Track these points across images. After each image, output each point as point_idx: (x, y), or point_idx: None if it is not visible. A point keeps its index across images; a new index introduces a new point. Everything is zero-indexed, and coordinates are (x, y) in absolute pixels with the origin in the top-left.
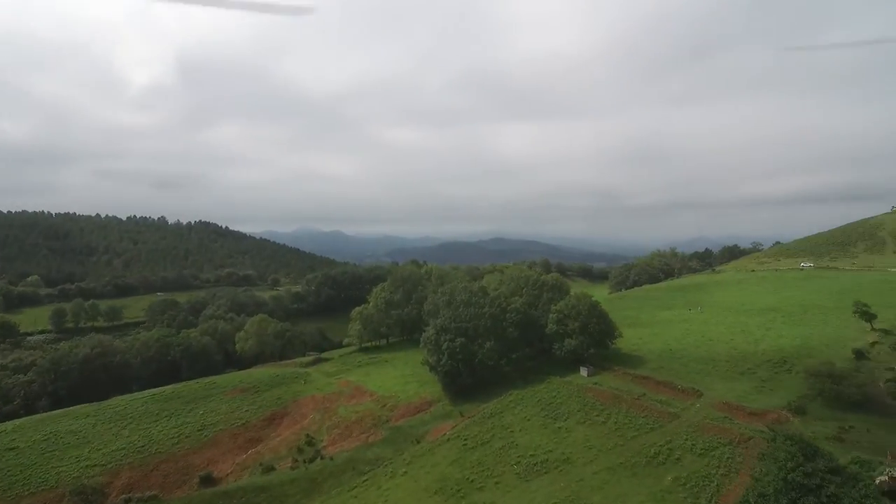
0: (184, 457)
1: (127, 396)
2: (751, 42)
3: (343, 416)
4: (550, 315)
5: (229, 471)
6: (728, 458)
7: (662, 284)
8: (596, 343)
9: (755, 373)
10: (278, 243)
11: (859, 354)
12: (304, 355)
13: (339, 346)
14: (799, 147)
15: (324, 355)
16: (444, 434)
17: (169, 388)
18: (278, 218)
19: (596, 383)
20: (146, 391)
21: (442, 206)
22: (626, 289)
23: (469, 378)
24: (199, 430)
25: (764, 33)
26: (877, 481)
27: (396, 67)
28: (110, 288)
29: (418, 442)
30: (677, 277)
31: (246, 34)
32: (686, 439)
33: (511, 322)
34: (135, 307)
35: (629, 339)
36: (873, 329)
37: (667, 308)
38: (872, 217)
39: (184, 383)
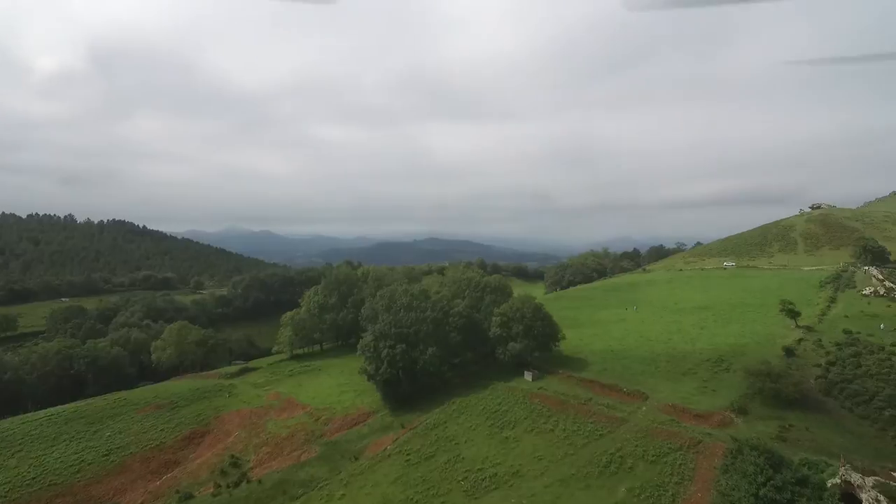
0: (84, 488)
1: (17, 418)
2: (673, 53)
3: (272, 431)
4: (494, 318)
5: (140, 501)
6: (680, 464)
7: (597, 284)
8: (540, 346)
9: (696, 373)
10: (203, 244)
11: (789, 352)
12: (229, 364)
13: (269, 353)
14: (714, 153)
15: (251, 364)
16: (385, 449)
17: (70, 406)
18: (204, 217)
19: (541, 388)
20: (42, 411)
21: (377, 206)
22: (562, 288)
23: (409, 387)
24: (104, 456)
25: (685, 45)
26: (829, 484)
27: (333, 64)
28: (4, 293)
29: (356, 458)
30: (610, 277)
31: (170, 22)
32: (637, 446)
33: (454, 326)
34: (33, 315)
35: (571, 340)
36: (798, 326)
37: (604, 307)
38: (785, 219)
39: (88, 400)
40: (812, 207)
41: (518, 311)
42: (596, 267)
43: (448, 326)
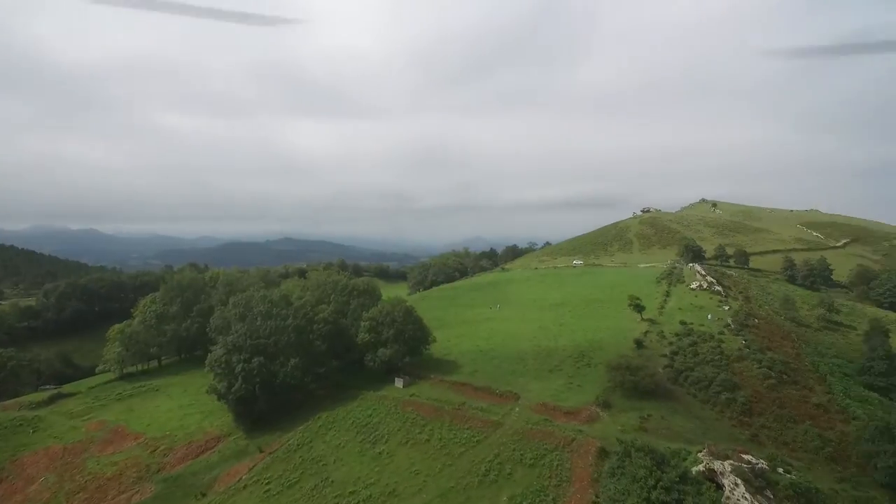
0: None
1: None
2: (524, 63)
3: (94, 471)
4: (362, 323)
5: None
6: (557, 465)
7: (460, 283)
8: (411, 351)
9: (562, 369)
10: (4, 245)
11: (639, 344)
12: (36, 390)
13: (92, 373)
14: (559, 160)
15: (66, 388)
16: (240, 479)
17: None
18: (7, 213)
19: (414, 395)
20: None
21: (224, 203)
22: (426, 289)
23: (267, 403)
24: None
25: (537, 55)
26: (693, 472)
27: (175, 45)
28: None
29: (204, 495)
30: (472, 276)
31: None
32: (514, 450)
33: (319, 334)
34: None
35: (440, 341)
36: (643, 319)
37: (469, 307)
38: (621, 221)
39: None
40: (643, 211)
41: (388, 315)
42: (457, 266)
43: (312, 334)
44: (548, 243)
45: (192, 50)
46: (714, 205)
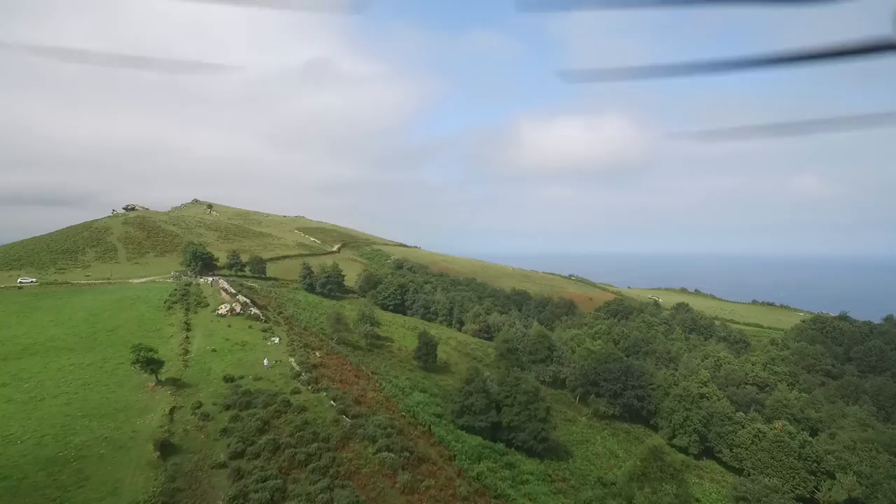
0: None
1: None
2: None
3: None
4: None
5: None
6: None
7: None
8: None
9: None
10: None
11: (165, 447)
12: None
13: None
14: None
15: None
16: None
17: None
18: None
19: None
20: None
21: None
22: None
23: None
24: None
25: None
26: None
27: None
28: None
29: None
30: None
31: None
32: None
33: None
34: None
35: None
36: (159, 382)
37: None
38: (98, 220)
39: None
40: (126, 209)
41: None
42: None
43: None
44: None
45: None
46: (210, 206)
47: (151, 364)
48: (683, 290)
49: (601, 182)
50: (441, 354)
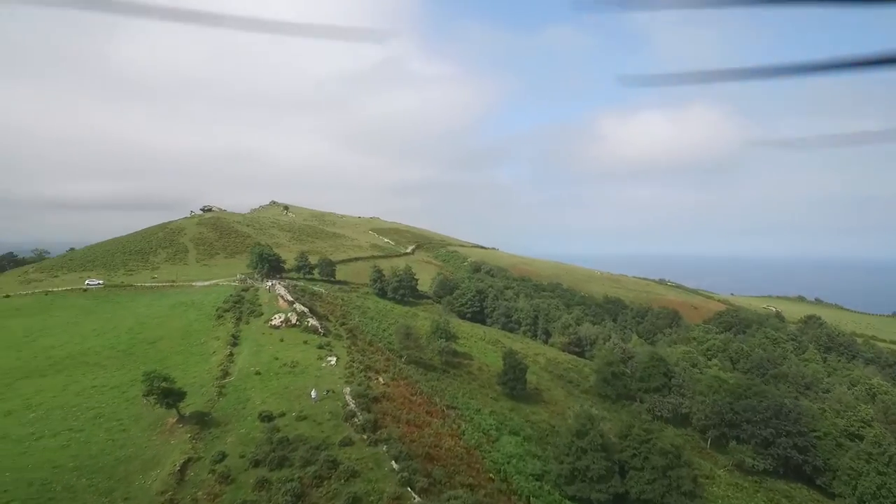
0: None
1: None
2: None
3: None
4: None
5: None
6: None
7: None
8: None
9: None
10: None
11: None
12: None
13: None
14: (101, 153)
15: None
16: None
17: None
18: None
19: None
20: None
21: None
22: None
23: None
24: None
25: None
26: None
27: None
28: None
29: None
30: None
31: None
32: None
33: None
34: None
35: None
36: (180, 418)
37: None
38: (173, 221)
39: None
40: (203, 210)
41: None
42: None
43: None
44: (72, 249)
45: None
46: (286, 208)
47: (168, 397)
48: (801, 299)
49: (689, 179)
50: (529, 376)
